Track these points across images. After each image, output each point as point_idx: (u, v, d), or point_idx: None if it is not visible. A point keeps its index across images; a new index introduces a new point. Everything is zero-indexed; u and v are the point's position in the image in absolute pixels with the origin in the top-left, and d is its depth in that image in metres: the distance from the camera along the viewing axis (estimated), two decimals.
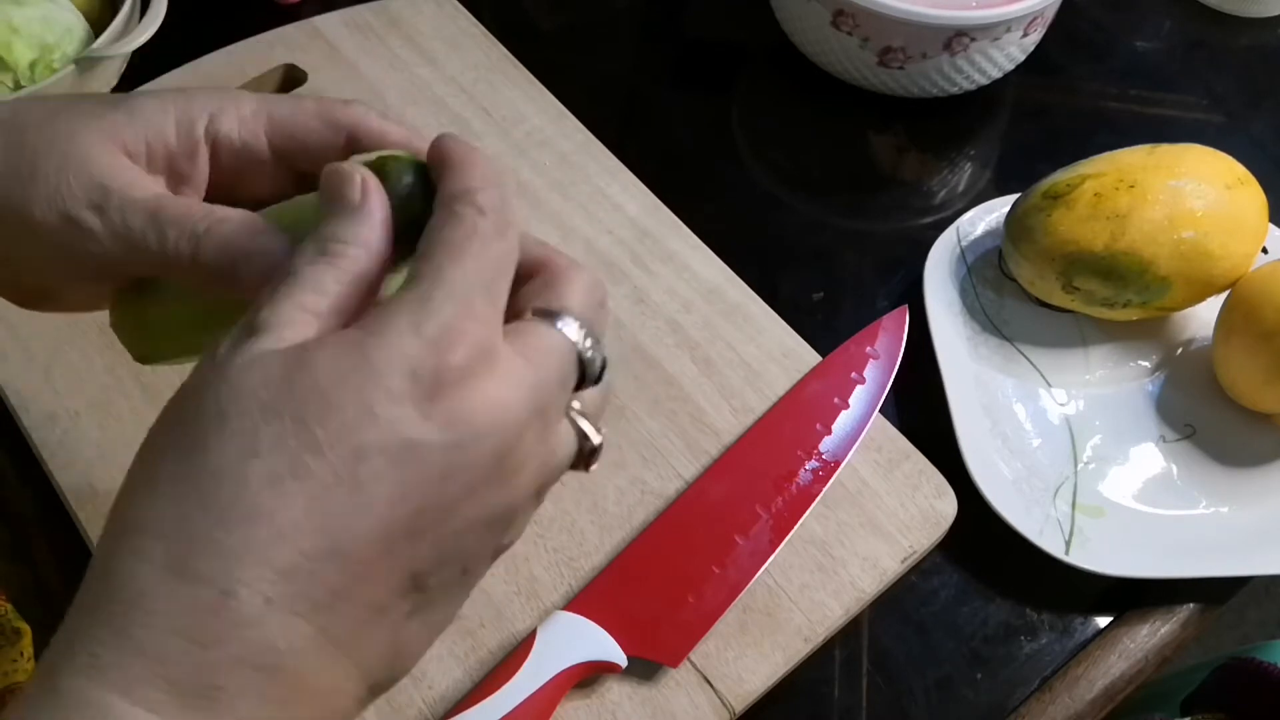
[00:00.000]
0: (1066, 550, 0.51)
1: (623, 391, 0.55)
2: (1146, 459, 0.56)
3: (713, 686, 0.47)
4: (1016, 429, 0.56)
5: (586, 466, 0.32)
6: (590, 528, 0.51)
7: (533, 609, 0.49)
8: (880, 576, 0.50)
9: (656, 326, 0.57)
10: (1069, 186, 0.56)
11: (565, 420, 0.31)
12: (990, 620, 0.52)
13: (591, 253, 0.59)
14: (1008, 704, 0.50)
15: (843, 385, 0.54)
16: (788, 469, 0.51)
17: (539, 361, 0.29)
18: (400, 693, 0.47)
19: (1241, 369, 0.55)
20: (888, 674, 0.51)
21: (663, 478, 0.52)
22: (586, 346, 0.30)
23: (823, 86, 0.70)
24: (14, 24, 0.60)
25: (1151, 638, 0.52)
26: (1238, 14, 0.77)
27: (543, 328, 0.30)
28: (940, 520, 0.52)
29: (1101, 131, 0.71)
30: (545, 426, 0.29)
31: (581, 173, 0.63)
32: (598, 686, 0.47)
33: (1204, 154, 0.56)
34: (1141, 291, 0.56)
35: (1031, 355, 0.59)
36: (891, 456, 0.53)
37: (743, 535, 0.49)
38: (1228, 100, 0.73)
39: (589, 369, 0.30)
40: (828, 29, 0.66)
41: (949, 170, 0.69)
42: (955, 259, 0.61)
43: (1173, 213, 0.54)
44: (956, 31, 0.63)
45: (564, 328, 0.30)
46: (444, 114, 0.65)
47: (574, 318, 0.30)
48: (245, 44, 0.66)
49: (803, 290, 0.63)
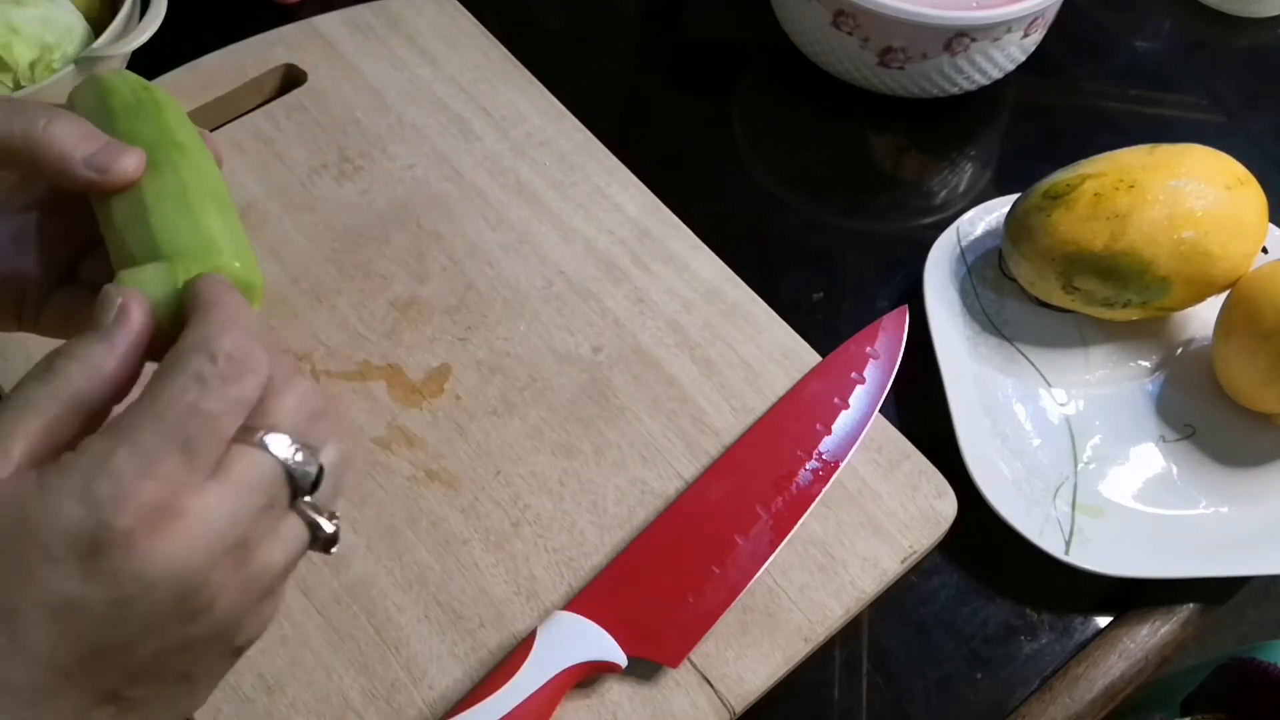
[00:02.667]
0: (1066, 550, 0.51)
1: (623, 391, 0.55)
2: (1146, 459, 0.56)
3: (713, 686, 0.47)
4: (1016, 429, 0.56)
5: (326, 550, 0.33)
6: (590, 528, 0.51)
7: (533, 609, 0.49)
8: (880, 576, 0.50)
9: (656, 326, 0.57)
10: (1069, 186, 0.56)
11: (293, 515, 0.31)
12: (990, 620, 0.52)
13: (591, 253, 0.60)
14: (1008, 704, 0.50)
15: (843, 385, 0.54)
16: (788, 469, 0.51)
17: (236, 493, 0.29)
18: (400, 692, 0.47)
19: (1241, 369, 0.55)
20: (888, 674, 0.51)
21: (663, 478, 0.52)
22: (297, 461, 0.30)
23: (823, 86, 0.70)
24: (14, 24, 0.60)
25: (1151, 638, 0.53)
26: (1238, 14, 0.77)
27: (245, 452, 0.30)
28: (940, 520, 0.52)
29: (1101, 131, 0.71)
30: (245, 552, 0.30)
31: (581, 173, 0.63)
32: (598, 686, 0.47)
33: (1204, 154, 0.56)
34: (1141, 291, 0.56)
35: (1031, 355, 0.59)
36: (891, 456, 0.53)
37: (743, 535, 0.49)
38: (1228, 100, 0.73)
39: (301, 482, 0.31)
40: (828, 29, 0.66)
41: (949, 170, 0.69)
42: (955, 259, 0.61)
43: (1173, 213, 0.54)
44: (957, 32, 0.63)
45: (270, 443, 0.30)
46: (444, 114, 0.65)
47: (281, 433, 0.30)
48: (245, 44, 0.66)
49: (803, 290, 0.63)
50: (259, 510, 0.30)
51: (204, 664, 0.31)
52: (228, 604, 0.30)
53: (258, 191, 0.61)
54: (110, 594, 0.27)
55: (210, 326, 0.30)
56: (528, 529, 0.51)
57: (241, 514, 0.29)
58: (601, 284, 0.58)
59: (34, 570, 0.27)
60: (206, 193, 0.36)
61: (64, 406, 0.29)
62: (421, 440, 0.53)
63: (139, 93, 0.38)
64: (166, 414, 0.28)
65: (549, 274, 0.59)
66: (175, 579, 0.28)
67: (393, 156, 0.63)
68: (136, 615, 0.28)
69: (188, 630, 0.29)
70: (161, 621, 0.28)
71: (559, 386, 0.55)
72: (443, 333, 0.57)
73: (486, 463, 0.53)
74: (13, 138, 0.34)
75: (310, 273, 0.58)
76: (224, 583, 0.29)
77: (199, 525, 0.28)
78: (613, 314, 0.57)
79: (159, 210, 0.34)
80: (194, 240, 0.34)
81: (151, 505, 0.27)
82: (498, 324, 0.57)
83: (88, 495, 0.27)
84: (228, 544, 0.29)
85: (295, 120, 0.64)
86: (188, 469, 0.28)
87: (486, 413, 0.54)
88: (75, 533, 0.27)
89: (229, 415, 0.29)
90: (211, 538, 0.28)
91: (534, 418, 0.54)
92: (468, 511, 0.51)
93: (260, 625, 0.32)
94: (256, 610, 0.31)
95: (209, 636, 0.30)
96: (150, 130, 0.37)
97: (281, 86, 0.66)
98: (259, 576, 0.30)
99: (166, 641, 0.29)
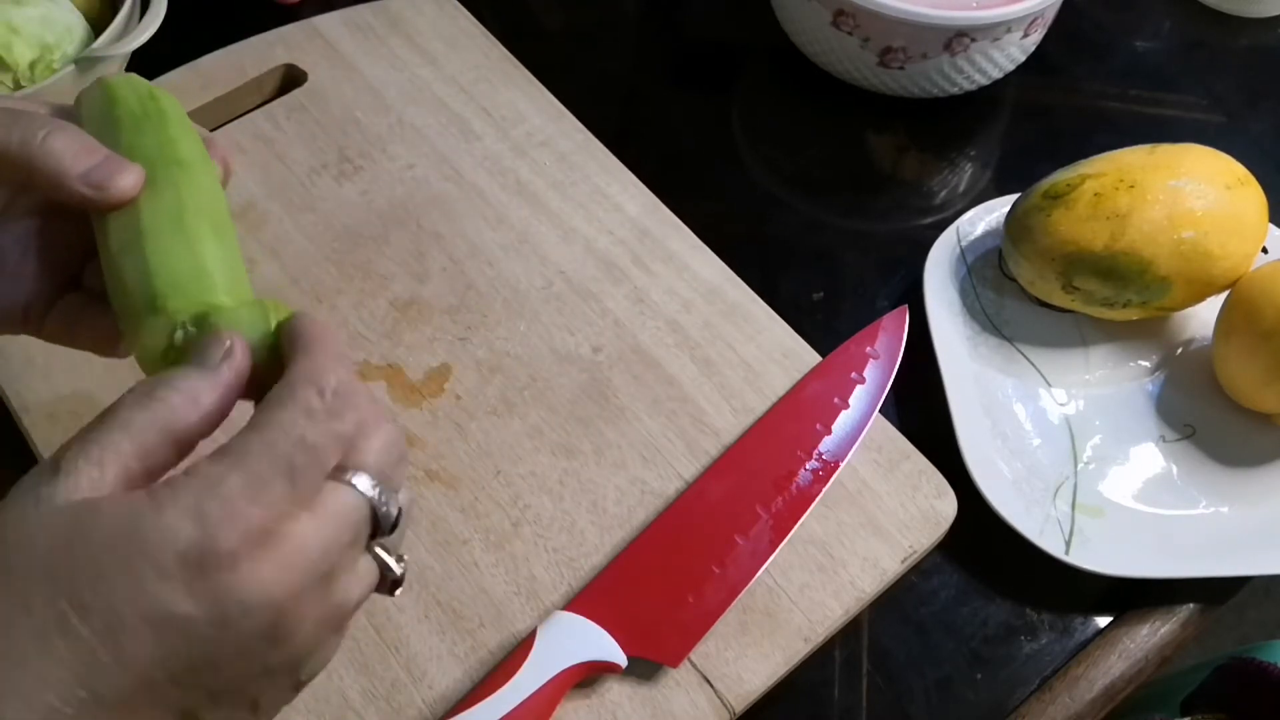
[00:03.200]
0: (1066, 550, 0.51)
1: (623, 391, 0.55)
2: (1146, 459, 0.56)
3: (713, 686, 0.47)
4: (1016, 429, 0.56)
5: (391, 592, 0.34)
6: (590, 528, 0.51)
7: (533, 609, 0.49)
8: (880, 576, 0.50)
9: (656, 326, 0.57)
10: (1069, 186, 0.56)
11: (366, 556, 0.32)
12: (990, 620, 0.52)
13: (591, 253, 0.60)
14: (1008, 704, 0.50)
15: (843, 385, 0.54)
16: (788, 469, 0.51)
17: (329, 526, 0.30)
18: (400, 692, 0.47)
19: (1241, 369, 0.55)
20: (888, 674, 0.51)
21: (663, 478, 0.52)
22: (381, 501, 0.31)
23: (823, 86, 0.70)
24: (14, 24, 0.60)
25: (1151, 638, 0.53)
26: (1238, 14, 0.77)
27: (339, 489, 0.31)
28: (940, 520, 0.52)
29: (1101, 131, 0.71)
30: (329, 585, 0.30)
31: (581, 173, 0.63)
32: (598, 686, 0.47)
33: (1204, 154, 0.56)
34: (1141, 291, 0.56)
35: (1031, 355, 0.59)
36: (891, 456, 0.53)
37: (743, 535, 0.49)
38: (1228, 100, 0.73)
39: (383, 522, 0.32)
40: (828, 29, 0.66)
41: (949, 170, 0.69)
42: (955, 259, 0.61)
43: (1173, 213, 0.54)
44: (957, 32, 0.63)
45: (358, 483, 0.31)
46: (444, 114, 0.65)
47: (368, 474, 0.31)
48: (245, 44, 0.66)
49: (803, 290, 0.63)
50: (346, 545, 0.31)
51: (271, 693, 0.31)
52: (307, 634, 0.30)
53: (258, 191, 0.61)
54: (212, 613, 0.28)
55: (317, 361, 0.31)
56: (528, 529, 0.51)
57: (331, 547, 0.30)
58: (601, 284, 0.58)
59: (144, 583, 0.27)
60: (204, 215, 0.36)
61: (159, 434, 0.30)
62: (421, 440, 0.53)
63: (145, 102, 0.38)
64: (277, 443, 0.29)
65: (549, 274, 0.59)
66: (270, 604, 0.29)
67: (393, 156, 0.63)
68: (230, 637, 0.28)
69: (270, 656, 0.30)
70: (250, 645, 0.29)
71: (559, 386, 0.55)
72: (443, 333, 0.57)
73: (486, 463, 0.53)
74: (10, 148, 0.34)
75: (310, 273, 0.58)
76: (308, 613, 0.30)
77: (297, 554, 0.29)
78: (613, 314, 0.57)
79: (154, 237, 0.34)
80: (188, 273, 0.34)
81: (257, 531, 0.28)
82: (498, 324, 0.57)
83: (200, 514, 0.28)
84: (318, 575, 0.30)
85: (295, 120, 0.64)
86: (291, 499, 0.29)
87: (486, 413, 0.54)
88: (185, 550, 0.28)
89: (331, 449, 0.30)
90: (306, 567, 0.29)
91: (534, 418, 0.54)
92: (468, 511, 0.51)
93: (326, 658, 0.33)
94: (327, 644, 0.32)
95: (285, 665, 0.30)
96: (153, 144, 0.37)
97: (281, 86, 0.66)
98: (338, 610, 0.31)
99: (250, 667, 0.29)
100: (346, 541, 0.31)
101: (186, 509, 0.28)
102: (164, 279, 0.34)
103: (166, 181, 0.36)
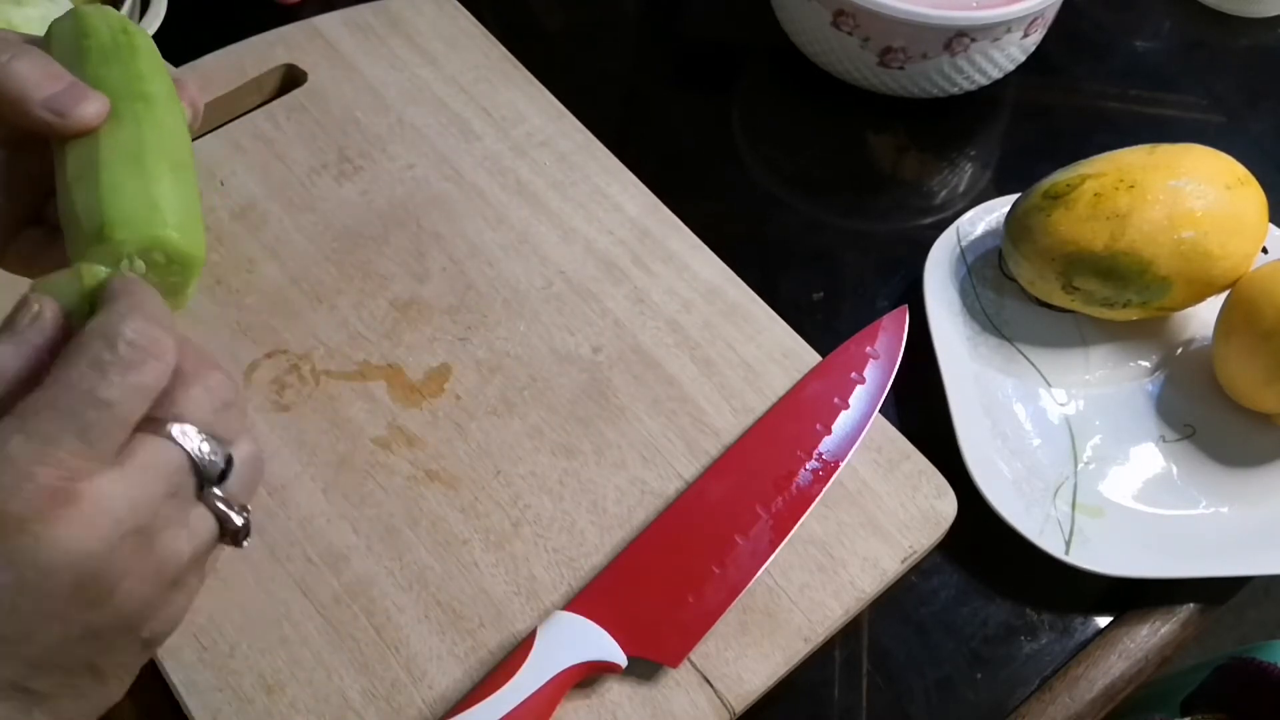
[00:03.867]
0: (1066, 550, 0.51)
1: (623, 391, 0.55)
2: (1146, 459, 0.56)
3: (713, 686, 0.47)
4: (1016, 429, 0.56)
5: (236, 543, 0.33)
6: (590, 528, 0.51)
7: (533, 609, 0.49)
8: (880, 576, 0.50)
9: (656, 326, 0.57)
10: (1069, 186, 0.56)
11: (201, 506, 0.32)
12: (990, 620, 0.52)
13: (591, 253, 0.60)
14: (1008, 704, 0.50)
15: (843, 385, 0.54)
16: (788, 469, 0.51)
17: (137, 479, 0.29)
18: (400, 692, 0.47)
19: (1241, 369, 0.55)
20: (888, 674, 0.51)
21: (663, 478, 0.52)
22: (204, 452, 0.31)
23: (823, 86, 0.70)
24: (14, 24, 0.60)
25: (1151, 638, 0.53)
26: (1238, 14, 0.77)
27: (149, 441, 0.30)
28: (940, 520, 0.52)
29: (1101, 131, 0.71)
30: (149, 539, 0.30)
31: (581, 173, 0.63)
32: (598, 686, 0.47)
33: (1204, 154, 0.56)
34: (1141, 291, 0.56)
35: (1031, 355, 0.59)
36: (891, 456, 0.53)
37: (743, 535, 0.49)
38: (1228, 100, 0.73)
39: (207, 472, 0.31)
40: (828, 29, 0.66)
41: (949, 170, 0.69)
42: (955, 259, 0.61)
43: (1173, 213, 0.54)
44: (957, 32, 0.63)
45: (177, 435, 0.30)
46: (444, 114, 0.65)
47: (187, 424, 0.31)
48: (245, 44, 0.66)
49: (803, 290, 0.63)
50: (161, 498, 0.30)
51: (112, 655, 0.31)
52: (130, 591, 0.30)
53: (258, 191, 0.61)
54: (5, 578, 0.27)
55: (111, 314, 0.30)
56: (528, 529, 0.51)
57: (142, 501, 0.29)
58: (601, 284, 0.58)
59: None
60: (164, 153, 0.35)
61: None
62: (421, 440, 0.53)
63: (117, 35, 0.37)
64: (62, 400, 0.29)
65: (549, 274, 0.59)
66: (72, 564, 0.28)
67: (393, 156, 0.63)
68: (34, 601, 0.28)
69: (90, 618, 0.29)
70: (60, 608, 0.28)
71: (559, 386, 0.55)
72: (443, 333, 0.57)
73: (486, 463, 0.53)
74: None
75: (310, 273, 0.58)
76: (125, 569, 0.29)
77: (96, 511, 0.28)
78: (613, 314, 0.57)
79: (110, 168, 0.34)
80: (139, 206, 0.34)
81: (46, 491, 0.28)
82: (498, 324, 0.57)
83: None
84: (126, 530, 0.29)
85: (295, 120, 0.64)
86: (85, 455, 0.28)
87: (486, 413, 0.54)
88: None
89: (128, 402, 0.29)
90: (109, 523, 0.29)
91: (534, 418, 0.54)
92: (468, 511, 0.51)
93: (172, 616, 0.32)
94: (166, 600, 0.31)
95: (114, 625, 0.30)
96: (120, 76, 0.36)
97: (281, 86, 0.66)
98: (164, 564, 0.30)
99: (69, 629, 0.29)
100: (160, 493, 0.30)
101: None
102: (114, 209, 0.33)
103: (129, 115, 0.35)
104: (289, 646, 0.48)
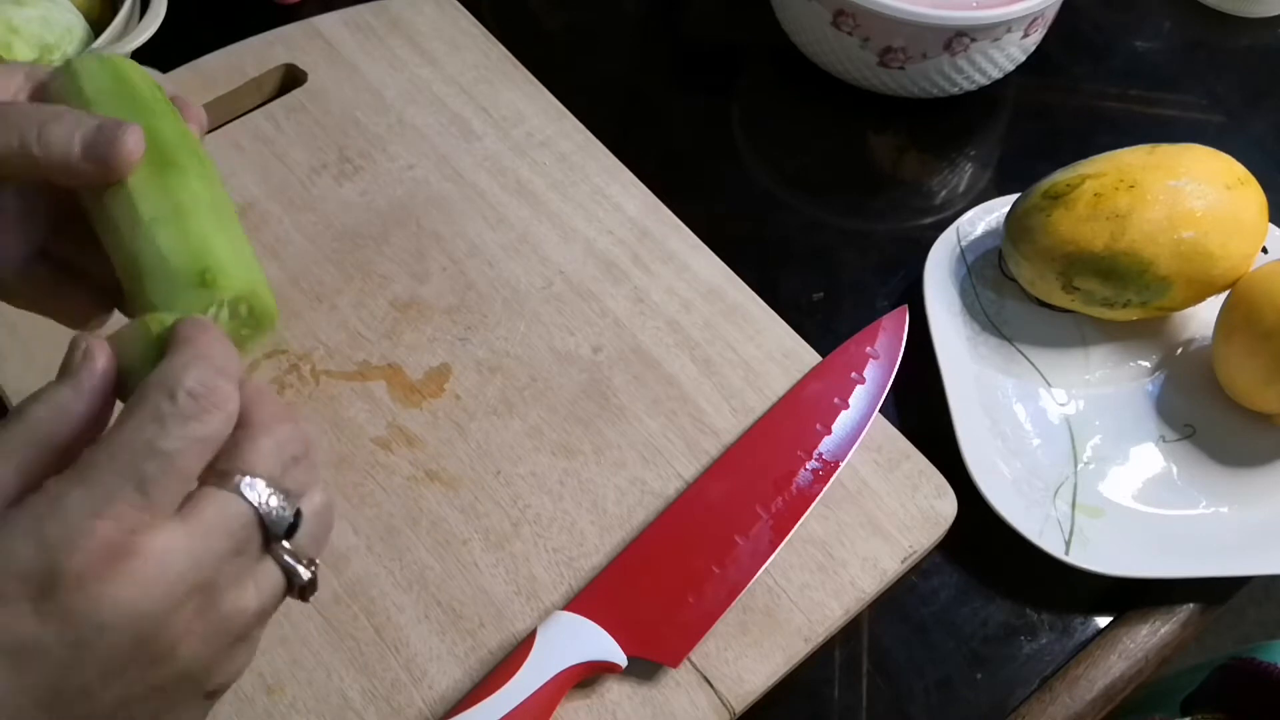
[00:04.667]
0: (1066, 550, 0.51)
1: (623, 391, 0.55)
2: (1146, 459, 0.56)
3: (713, 686, 0.47)
4: (1016, 429, 0.56)
5: (303, 597, 0.32)
6: (590, 528, 0.51)
7: (533, 609, 0.49)
8: (880, 576, 0.50)
9: (656, 326, 0.57)
10: (1069, 186, 0.56)
11: (268, 561, 0.31)
12: (990, 620, 0.52)
13: (591, 253, 0.60)
14: (1008, 704, 0.50)
15: (843, 385, 0.54)
16: (788, 469, 0.51)
17: (200, 534, 0.29)
18: (400, 692, 0.47)
19: (1241, 369, 0.55)
20: (888, 674, 0.51)
21: (663, 478, 0.52)
22: (271, 506, 0.30)
23: (823, 86, 0.70)
24: (14, 24, 0.60)
25: (1151, 638, 0.53)
26: (1238, 14, 0.77)
27: (214, 495, 0.29)
28: (940, 520, 0.52)
29: (1101, 131, 0.71)
30: (212, 596, 0.29)
31: (581, 173, 0.63)
32: (598, 686, 0.47)
33: (1204, 154, 0.56)
34: (1141, 291, 0.56)
35: (1031, 355, 0.59)
36: (891, 456, 0.53)
37: (743, 535, 0.49)
38: (1228, 100, 0.73)
39: (274, 528, 0.30)
40: (828, 29, 0.66)
41: (949, 170, 0.69)
42: (955, 259, 0.61)
43: (1173, 213, 0.54)
44: (957, 32, 0.63)
45: (244, 489, 0.30)
46: (444, 114, 0.65)
47: (254, 477, 0.30)
48: (245, 44, 0.66)
49: (803, 290, 0.63)
50: (226, 553, 0.29)
51: (176, 709, 0.30)
52: (193, 648, 0.29)
53: (258, 191, 0.61)
54: (65, 636, 0.27)
55: (174, 364, 0.30)
56: (528, 529, 0.51)
57: (204, 556, 0.29)
58: (601, 284, 0.58)
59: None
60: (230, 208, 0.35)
61: (36, 449, 0.29)
62: (421, 440, 0.53)
63: (154, 90, 0.37)
64: (121, 453, 0.28)
65: (549, 274, 0.59)
66: (131, 623, 0.27)
67: (393, 156, 0.63)
68: (94, 659, 0.27)
69: (151, 675, 0.28)
70: (121, 665, 0.28)
71: (559, 386, 0.55)
72: (443, 333, 0.57)
73: (486, 463, 0.53)
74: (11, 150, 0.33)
75: (310, 273, 0.58)
76: (187, 628, 0.29)
77: (155, 566, 0.28)
78: (613, 314, 0.57)
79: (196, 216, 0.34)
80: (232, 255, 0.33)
81: (104, 545, 0.27)
82: (498, 324, 0.57)
83: (39, 535, 0.27)
84: (189, 586, 0.28)
85: (295, 120, 0.64)
86: (144, 508, 0.28)
87: (486, 413, 0.54)
88: (26, 572, 0.26)
89: (188, 454, 0.29)
90: (170, 580, 0.28)
91: (534, 418, 0.54)
92: (468, 511, 0.51)
93: (235, 670, 0.31)
94: (229, 655, 0.31)
95: (176, 681, 0.29)
96: (171, 131, 0.36)
97: (281, 86, 0.66)
98: (228, 621, 0.30)
99: (130, 689, 0.28)
100: (225, 550, 0.29)
101: (25, 530, 0.27)
102: (213, 256, 0.33)
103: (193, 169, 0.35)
104: (289, 646, 0.48)
